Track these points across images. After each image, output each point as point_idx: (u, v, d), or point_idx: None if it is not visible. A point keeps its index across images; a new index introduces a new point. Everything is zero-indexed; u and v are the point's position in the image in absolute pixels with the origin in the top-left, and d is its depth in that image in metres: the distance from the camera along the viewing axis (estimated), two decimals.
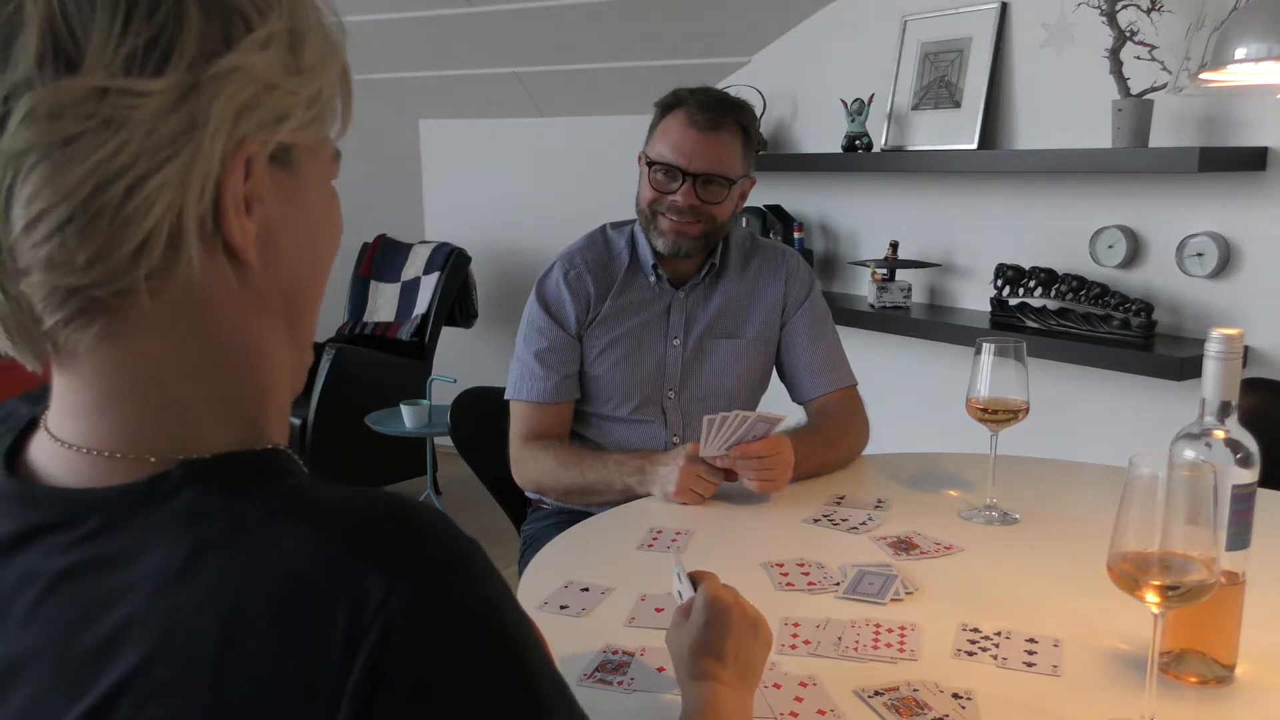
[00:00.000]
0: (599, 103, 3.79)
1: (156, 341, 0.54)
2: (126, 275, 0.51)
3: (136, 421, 0.55)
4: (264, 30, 0.53)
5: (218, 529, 0.51)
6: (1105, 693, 1.00)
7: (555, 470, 1.71)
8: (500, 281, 4.16)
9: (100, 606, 0.51)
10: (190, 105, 0.50)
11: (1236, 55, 1.82)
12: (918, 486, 1.63)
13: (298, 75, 0.55)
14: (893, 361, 3.03)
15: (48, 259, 0.50)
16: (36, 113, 0.48)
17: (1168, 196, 2.46)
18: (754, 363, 1.83)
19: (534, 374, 1.77)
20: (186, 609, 0.49)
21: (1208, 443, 1.00)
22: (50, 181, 0.49)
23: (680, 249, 1.74)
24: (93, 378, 0.54)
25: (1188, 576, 0.87)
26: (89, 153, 0.49)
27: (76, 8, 0.49)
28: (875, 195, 3.14)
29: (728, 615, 0.92)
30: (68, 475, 0.56)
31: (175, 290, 0.53)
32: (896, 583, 1.23)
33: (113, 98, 0.49)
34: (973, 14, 2.81)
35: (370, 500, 0.53)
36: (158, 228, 0.51)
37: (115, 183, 0.49)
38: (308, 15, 0.56)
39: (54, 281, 0.50)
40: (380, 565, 0.49)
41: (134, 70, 0.49)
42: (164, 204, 0.50)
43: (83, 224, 0.49)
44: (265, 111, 0.53)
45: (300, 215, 0.58)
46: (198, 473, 0.53)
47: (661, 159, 1.71)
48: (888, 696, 0.98)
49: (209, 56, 0.51)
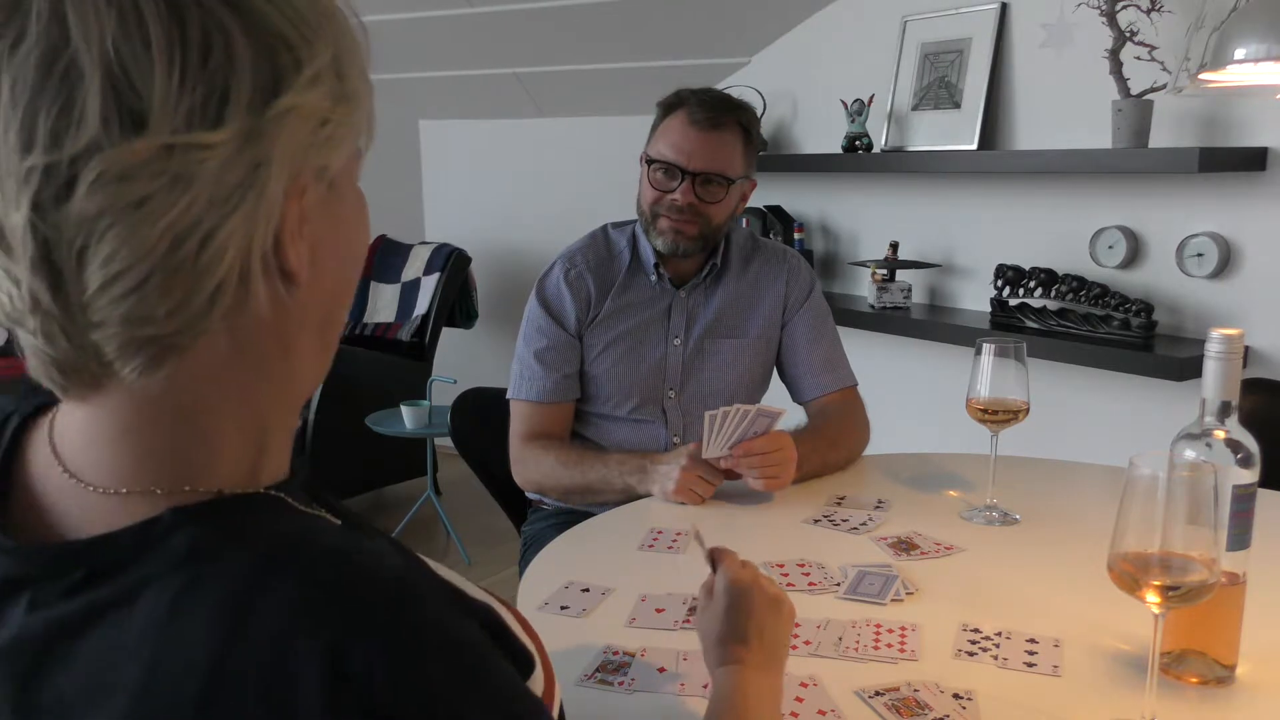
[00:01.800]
0: (599, 103, 3.79)
1: (214, 372, 0.54)
2: (203, 320, 0.51)
3: (159, 450, 0.54)
4: (313, 67, 0.53)
5: (201, 581, 0.50)
6: (1106, 693, 1.00)
7: (556, 470, 1.71)
8: (500, 282, 4.16)
9: (84, 659, 0.50)
10: (252, 151, 0.50)
11: (1236, 55, 1.82)
12: (918, 487, 1.63)
13: (346, 102, 0.55)
14: (893, 362, 3.03)
15: (125, 315, 0.50)
16: (107, 176, 0.47)
17: (1168, 197, 2.46)
18: (754, 363, 1.83)
19: (534, 373, 1.77)
20: (166, 665, 0.48)
21: (1208, 443, 1.00)
22: (127, 243, 0.48)
23: (679, 248, 1.74)
24: (123, 403, 0.54)
25: (1188, 577, 0.87)
26: (162, 212, 0.48)
27: (134, 60, 0.47)
28: (875, 196, 3.14)
29: (749, 597, 0.93)
30: (66, 511, 0.55)
31: (245, 324, 0.54)
32: (897, 583, 1.23)
33: (180, 153, 0.48)
34: (973, 14, 2.81)
35: (354, 564, 0.53)
36: (229, 273, 0.51)
37: (190, 237, 0.49)
38: (345, 36, 0.56)
39: (129, 333, 0.50)
40: (357, 631, 0.49)
41: (195, 123, 0.49)
42: (235, 249, 0.51)
43: (161, 280, 0.49)
44: (323, 144, 0.54)
45: (340, 225, 0.59)
46: (189, 518, 0.52)
47: (661, 157, 1.71)
48: (888, 697, 0.98)
49: (266, 99, 0.51)
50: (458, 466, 2.21)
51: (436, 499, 3.54)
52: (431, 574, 0.58)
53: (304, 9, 0.53)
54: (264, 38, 0.51)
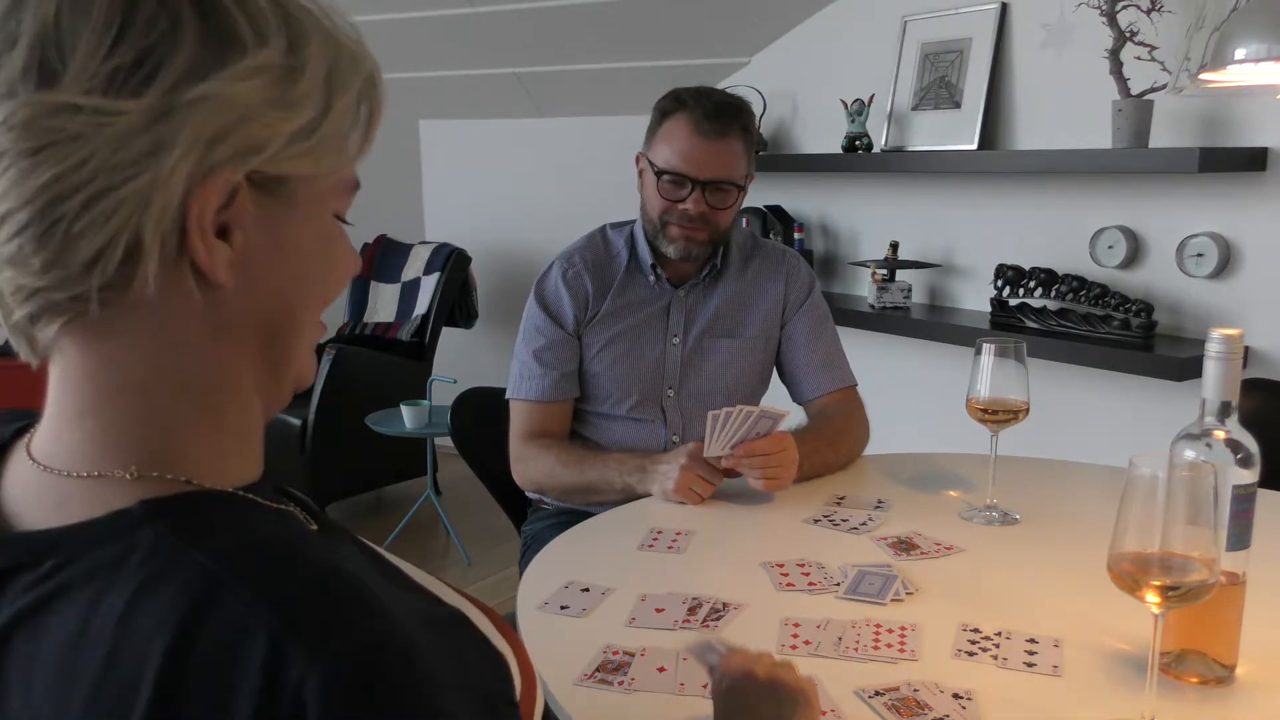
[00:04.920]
0: (599, 103, 3.79)
1: (124, 350, 0.55)
2: (80, 284, 0.52)
3: (118, 427, 0.56)
4: (253, 60, 0.53)
5: (162, 578, 0.51)
6: (1106, 693, 1.00)
7: (555, 469, 1.71)
8: (500, 281, 4.16)
9: (50, 644, 0.51)
10: (159, 129, 0.51)
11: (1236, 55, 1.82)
12: (918, 487, 1.63)
13: (284, 108, 0.54)
14: (893, 362, 3.03)
15: (9, 257, 0.52)
16: (10, 121, 0.50)
17: (1168, 197, 2.46)
18: (753, 362, 1.83)
19: (533, 373, 1.77)
20: (122, 657, 0.49)
21: (1208, 443, 1.00)
22: (16, 186, 0.51)
23: (691, 254, 1.75)
24: (77, 382, 0.56)
25: (1188, 577, 0.87)
26: (52, 164, 0.50)
27: (70, 24, 0.50)
28: (875, 196, 3.14)
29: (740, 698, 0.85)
30: (41, 504, 0.56)
31: (132, 303, 0.54)
32: (897, 583, 1.23)
33: (85, 115, 0.50)
34: (973, 14, 2.81)
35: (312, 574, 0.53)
36: (113, 242, 0.52)
37: (72, 197, 0.51)
38: (314, 49, 0.56)
39: (16, 280, 0.53)
40: (302, 645, 0.48)
41: (114, 88, 0.50)
42: (120, 220, 0.51)
43: (39, 230, 0.51)
44: (240, 141, 0.53)
45: (287, 245, 0.58)
46: (158, 512, 0.53)
47: (670, 168, 1.70)
48: (888, 696, 0.98)
49: (192, 81, 0.51)
50: (458, 466, 2.21)
51: (436, 499, 3.54)
52: (405, 584, 0.57)
53: (268, 11, 0.54)
54: (215, 24, 0.52)
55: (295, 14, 0.56)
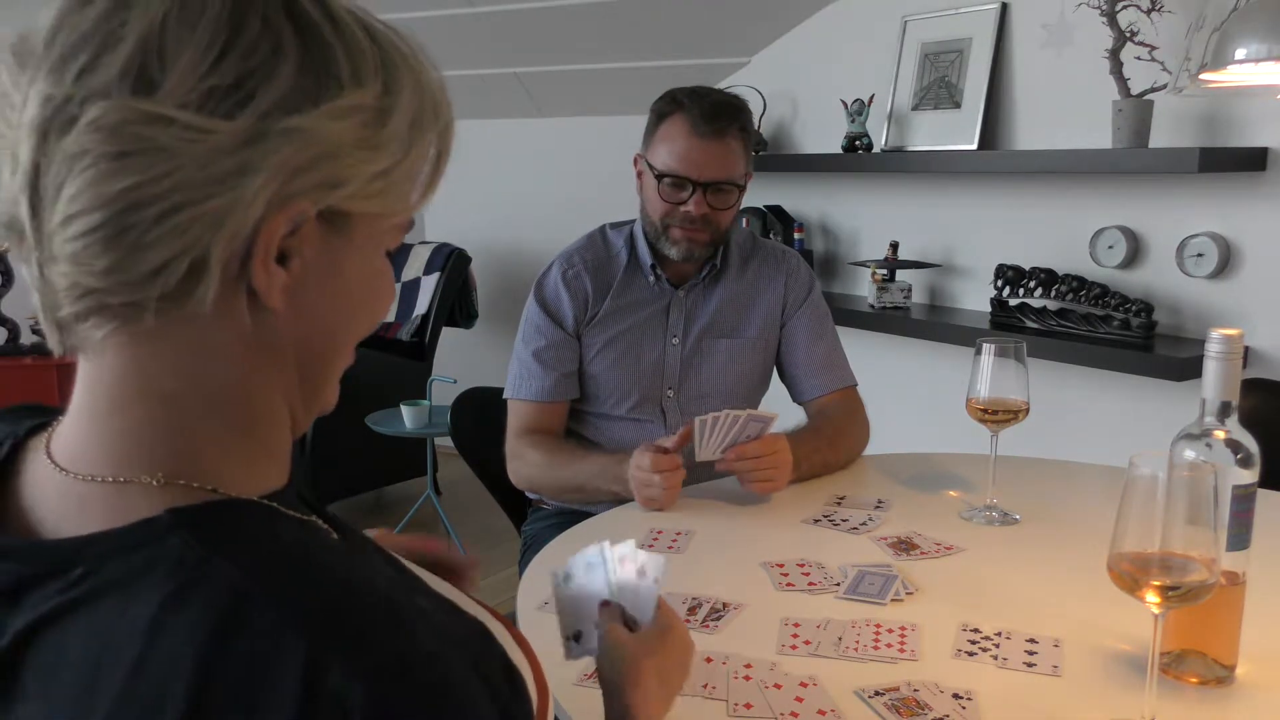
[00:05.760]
0: (599, 103, 3.79)
1: (164, 358, 0.55)
2: (138, 292, 0.53)
3: (146, 433, 0.56)
4: (348, 100, 0.54)
5: (191, 587, 0.50)
6: (1105, 693, 1.00)
7: (544, 469, 1.72)
8: (500, 281, 4.16)
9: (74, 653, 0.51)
10: (247, 153, 0.52)
11: (1236, 55, 1.82)
12: (918, 487, 1.63)
13: (371, 150, 0.56)
14: (893, 362, 3.03)
15: (72, 255, 0.52)
16: (101, 122, 0.50)
17: (1168, 197, 2.46)
18: (753, 362, 1.83)
19: (532, 373, 1.77)
20: (151, 667, 0.49)
21: (1208, 443, 1.00)
22: (92, 186, 0.51)
23: (693, 255, 1.75)
24: (110, 384, 0.56)
25: (1188, 577, 0.87)
26: (134, 172, 0.50)
27: (175, 36, 0.51)
28: (875, 196, 3.14)
29: (687, 652, 0.87)
30: (63, 508, 0.55)
31: (184, 316, 0.54)
32: (897, 583, 1.23)
33: (176, 129, 0.50)
34: (973, 14, 2.81)
35: (342, 584, 0.53)
36: (179, 257, 0.52)
37: (149, 206, 0.51)
38: (406, 95, 0.57)
39: (74, 277, 0.53)
40: (340, 657, 0.49)
41: (208, 106, 0.51)
42: (192, 237, 0.52)
43: (109, 234, 0.51)
44: (321, 175, 0.54)
45: (340, 278, 0.59)
46: (185, 522, 0.53)
47: (670, 170, 1.70)
48: (888, 696, 0.98)
49: (287, 111, 0.52)
50: (458, 466, 2.21)
51: (436, 499, 3.54)
52: (427, 593, 0.58)
53: (369, 52, 0.56)
54: (314, 60, 0.53)
55: (393, 57, 0.57)
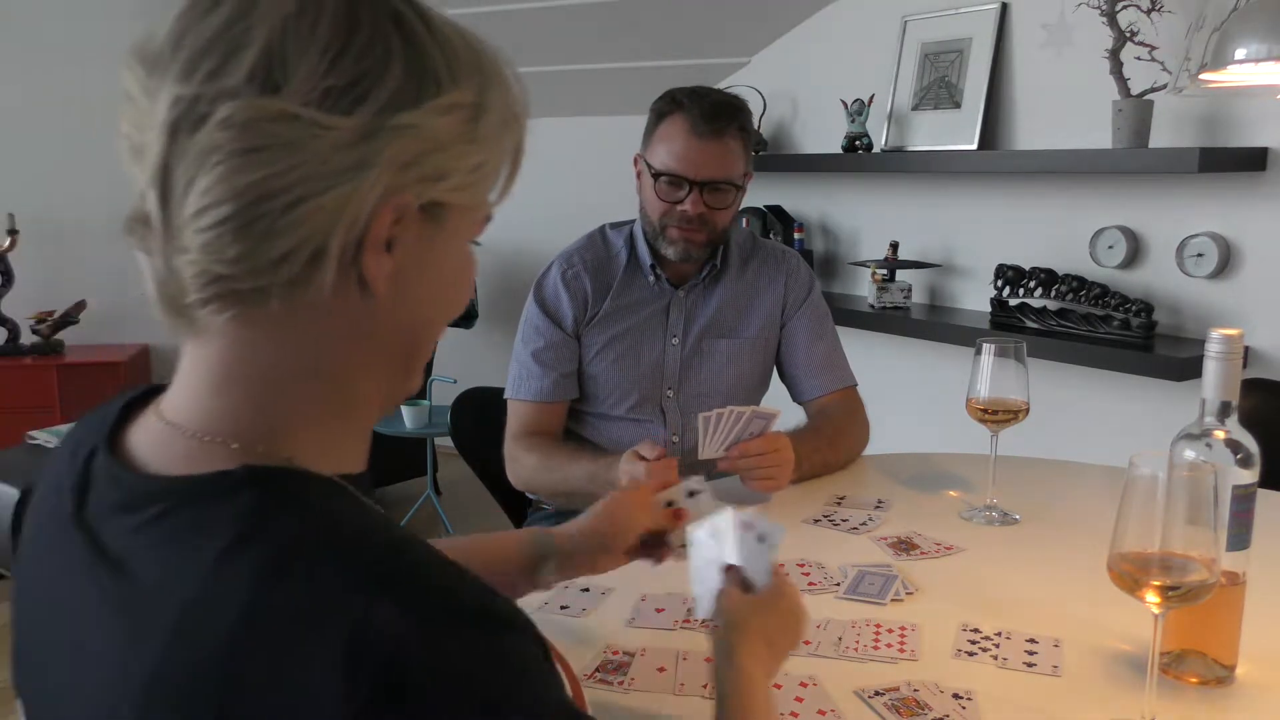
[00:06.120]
0: (598, 103, 3.78)
1: (277, 341, 0.60)
2: (265, 277, 0.57)
3: (239, 407, 0.60)
4: (449, 98, 0.59)
5: (254, 535, 0.54)
6: (1105, 693, 1.00)
7: (538, 471, 1.72)
8: (500, 281, 4.16)
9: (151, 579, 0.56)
10: (364, 148, 0.56)
11: (1236, 55, 1.82)
12: (918, 487, 1.63)
13: (469, 144, 0.61)
14: (893, 362, 3.03)
15: (204, 245, 0.56)
16: (232, 120, 0.55)
17: (1168, 197, 2.46)
18: (753, 362, 1.83)
19: (531, 373, 1.77)
20: (209, 601, 0.53)
21: (1208, 443, 1.00)
22: (225, 180, 0.55)
23: (690, 255, 1.74)
24: (216, 361, 0.60)
25: (1188, 577, 0.87)
26: (264, 165, 0.55)
27: (296, 39, 0.56)
28: (875, 196, 3.14)
29: (789, 615, 0.90)
30: (156, 455, 0.61)
31: (304, 301, 0.58)
32: (897, 583, 1.23)
33: (301, 124, 0.55)
34: (973, 14, 2.81)
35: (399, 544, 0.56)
36: (302, 245, 0.56)
37: (277, 197, 0.55)
38: (496, 93, 0.62)
39: (203, 265, 0.56)
40: (391, 600, 0.52)
41: (327, 104, 0.55)
42: (313, 226, 0.56)
43: (239, 224, 0.55)
44: (428, 169, 0.59)
45: (435, 266, 0.63)
46: (257, 478, 0.57)
47: (667, 169, 1.70)
48: (888, 696, 0.98)
49: (396, 108, 0.57)
50: (458, 466, 2.21)
51: (436, 499, 3.54)
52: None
53: (464, 55, 0.61)
54: (417, 61, 0.58)
55: (486, 58, 0.62)
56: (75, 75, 3.81)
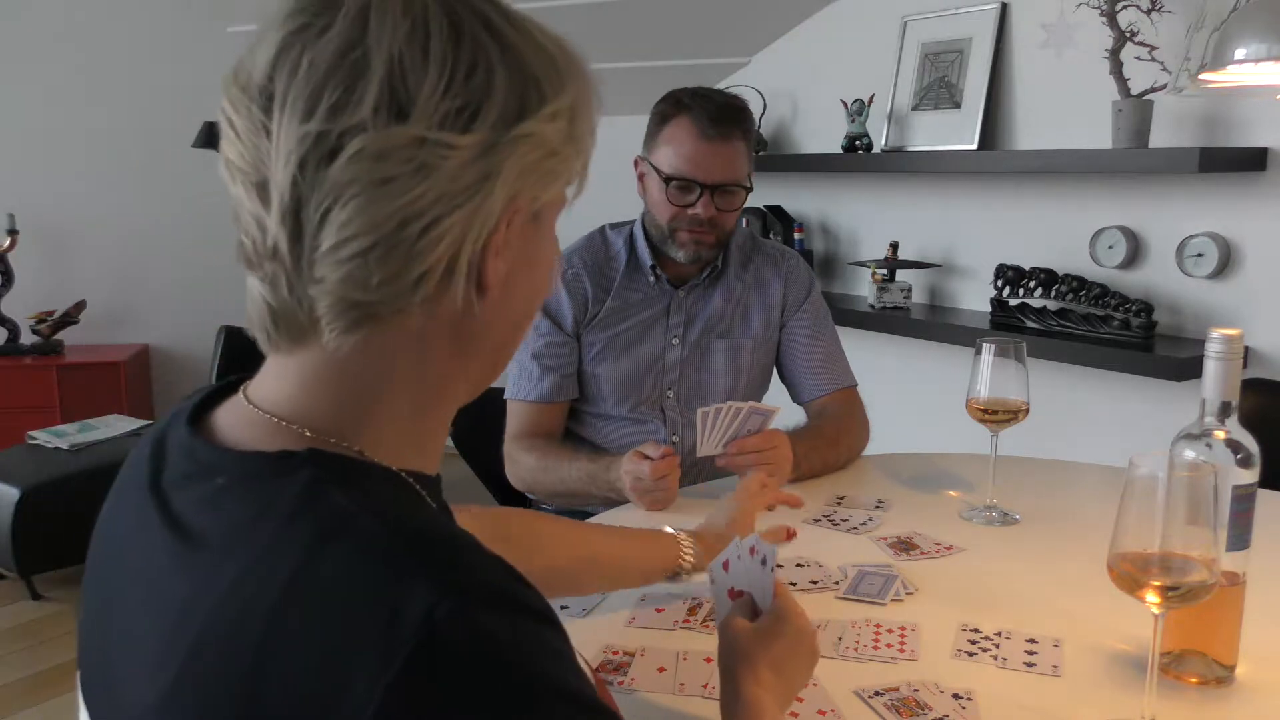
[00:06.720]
0: None
1: (391, 350, 0.61)
2: (404, 299, 0.59)
3: (326, 403, 0.62)
4: (554, 105, 0.61)
5: (308, 511, 0.56)
6: (1105, 693, 1.00)
7: (536, 472, 1.72)
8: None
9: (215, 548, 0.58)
10: (487, 161, 0.58)
11: (1236, 56, 1.82)
12: (918, 487, 1.63)
13: (573, 144, 0.63)
14: (893, 362, 3.03)
15: (345, 276, 0.57)
16: (366, 153, 0.56)
17: (1168, 197, 2.46)
18: (753, 363, 1.83)
19: (531, 373, 1.77)
20: (262, 569, 0.54)
21: (1208, 443, 1.00)
22: (364, 212, 0.56)
23: (700, 257, 1.75)
24: (320, 365, 0.61)
25: (1188, 577, 0.87)
26: (401, 192, 0.56)
27: (413, 65, 0.56)
28: (875, 196, 3.14)
29: (794, 640, 0.86)
30: (233, 432, 0.63)
31: (441, 315, 0.61)
32: (897, 583, 1.23)
33: (429, 147, 0.56)
34: (973, 14, 2.81)
35: (451, 535, 0.58)
36: (439, 262, 0.58)
37: (416, 221, 0.57)
38: (584, 92, 0.65)
39: (343, 294, 0.58)
40: (431, 578, 0.52)
41: (449, 123, 0.57)
42: (449, 243, 0.58)
43: (382, 252, 0.57)
44: (544, 173, 0.62)
45: (535, 260, 0.66)
46: (320, 462, 0.59)
47: (678, 174, 1.70)
48: (888, 697, 0.98)
49: (509, 122, 0.59)
50: (457, 466, 2.21)
51: None
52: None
53: (557, 59, 0.63)
54: (519, 73, 0.60)
55: (576, 60, 0.65)
56: (76, 75, 3.81)
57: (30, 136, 3.81)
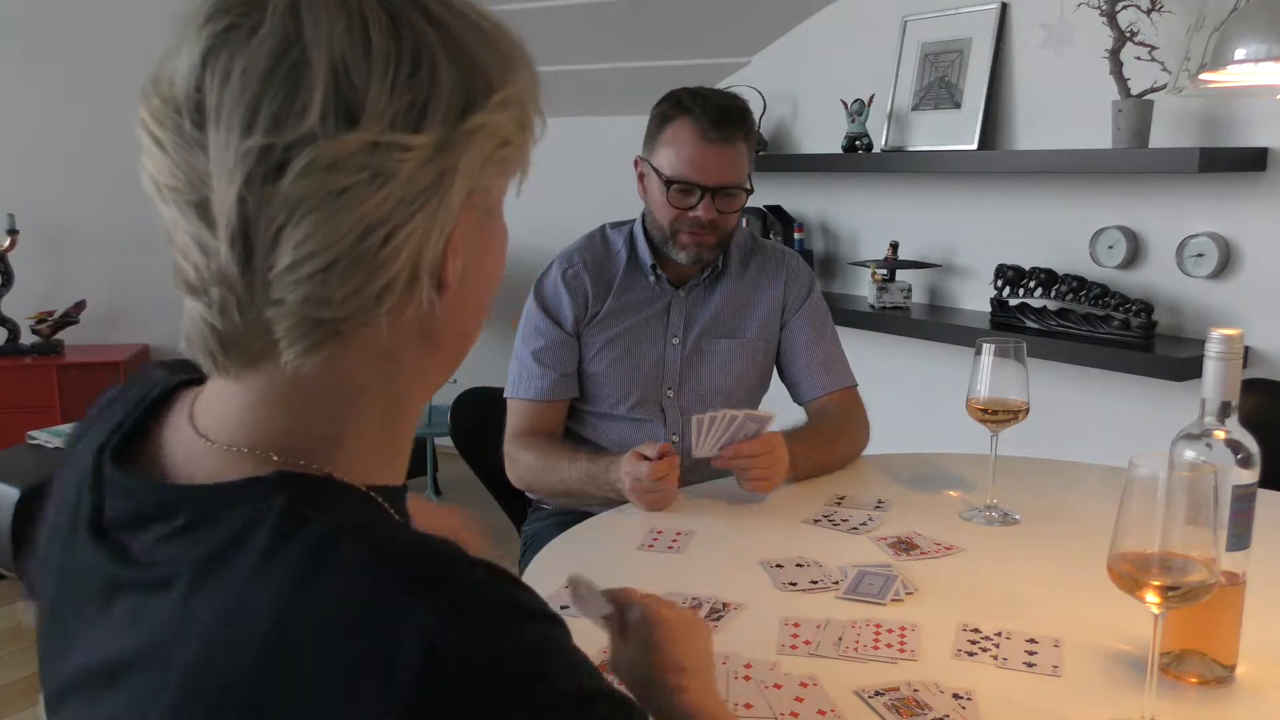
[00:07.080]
0: (599, 103, 3.78)
1: (349, 362, 0.58)
2: (370, 311, 0.55)
3: (288, 423, 0.59)
4: (503, 93, 0.58)
5: (288, 539, 0.53)
6: (1105, 693, 1.00)
7: (536, 471, 1.72)
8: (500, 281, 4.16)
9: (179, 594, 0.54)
10: (443, 159, 0.55)
11: (1236, 55, 1.82)
12: (918, 487, 1.63)
13: (525, 130, 0.61)
14: (893, 362, 3.03)
15: (305, 296, 0.54)
16: (317, 164, 0.52)
17: (1168, 197, 2.46)
18: (753, 363, 1.83)
19: (531, 373, 1.77)
20: (247, 606, 0.51)
21: (1208, 443, 1.00)
22: (321, 228, 0.52)
23: (702, 259, 1.75)
24: (278, 383, 0.57)
25: (1188, 577, 0.87)
26: (359, 203, 0.53)
27: (355, 63, 0.52)
28: (875, 196, 3.14)
29: (671, 628, 0.86)
30: (185, 465, 0.59)
31: (405, 320, 0.58)
32: (897, 583, 1.23)
33: (383, 151, 0.53)
34: (973, 14, 2.81)
35: (432, 546, 0.55)
36: (402, 269, 0.55)
37: (377, 230, 0.53)
38: (531, 77, 0.62)
39: (304, 314, 0.54)
40: (422, 613, 0.50)
41: (399, 126, 0.53)
42: (412, 248, 0.55)
43: (344, 266, 0.53)
44: (498, 164, 0.59)
45: (488, 249, 0.63)
46: (290, 484, 0.56)
47: (679, 176, 1.69)
48: (888, 697, 0.98)
49: (460, 115, 0.55)
50: (457, 466, 2.21)
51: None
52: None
53: (499, 44, 0.59)
54: (464, 63, 0.56)
55: (516, 43, 0.61)
56: (76, 76, 3.81)
57: (30, 136, 3.81)
